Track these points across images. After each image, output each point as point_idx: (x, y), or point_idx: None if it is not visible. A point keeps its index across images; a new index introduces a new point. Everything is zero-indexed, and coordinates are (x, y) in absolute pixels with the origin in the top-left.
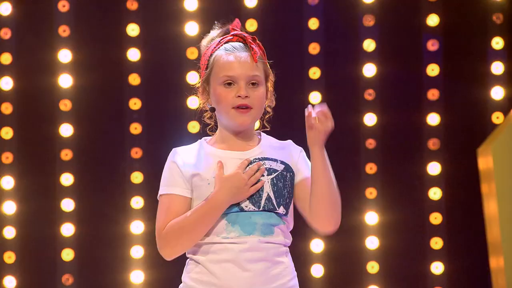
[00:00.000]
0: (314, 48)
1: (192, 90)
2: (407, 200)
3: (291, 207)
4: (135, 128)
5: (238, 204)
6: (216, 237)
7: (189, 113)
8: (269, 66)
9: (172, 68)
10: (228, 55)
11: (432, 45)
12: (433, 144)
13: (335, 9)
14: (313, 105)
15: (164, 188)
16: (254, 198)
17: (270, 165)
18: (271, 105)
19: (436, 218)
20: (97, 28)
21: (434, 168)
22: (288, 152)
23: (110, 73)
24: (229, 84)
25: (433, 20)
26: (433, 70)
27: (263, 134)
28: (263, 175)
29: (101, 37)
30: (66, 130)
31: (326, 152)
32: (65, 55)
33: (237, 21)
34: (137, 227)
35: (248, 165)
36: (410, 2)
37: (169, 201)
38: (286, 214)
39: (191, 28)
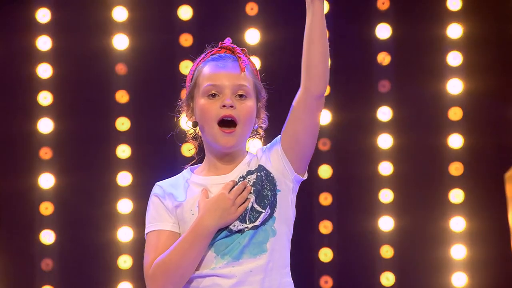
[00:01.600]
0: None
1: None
2: (426, 233)
3: (282, 200)
4: (123, 124)
5: (226, 227)
6: (204, 269)
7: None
8: (261, 84)
9: (163, 56)
10: (213, 64)
11: (454, 59)
12: (455, 169)
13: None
14: None
15: (149, 225)
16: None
17: (249, 177)
18: (263, 126)
19: (458, 252)
20: (80, 12)
21: (456, 196)
22: (259, 156)
23: (95, 63)
24: (214, 95)
25: (455, 32)
26: (455, 86)
27: (250, 152)
28: (250, 192)
29: (85, 22)
30: (45, 126)
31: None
32: (44, 42)
33: (228, 39)
34: (125, 233)
35: (233, 186)
36: (429, 11)
37: (156, 238)
38: (273, 216)
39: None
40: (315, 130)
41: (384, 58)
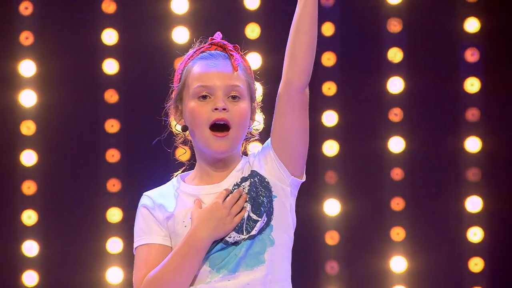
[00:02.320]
0: (328, 59)
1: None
2: (440, 242)
3: (280, 206)
4: (113, 156)
5: (221, 239)
6: (198, 284)
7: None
8: (255, 84)
9: (156, 81)
10: (203, 63)
11: (472, 55)
12: (473, 174)
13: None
14: None
15: (138, 239)
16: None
17: (244, 184)
18: (258, 128)
19: (476, 265)
20: (66, 36)
21: (473, 204)
22: (251, 162)
23: (82, 89)
24: (204, 97)
25: (472, 25)
26: (472, 85)
27: (244, 156)
28: (246, 201)
29: (71, 46)
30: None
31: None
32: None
33: (218, 34)
34: (114, 274)
35: (227, 195)
36: (445, 4)
37: (147, 252)
38: (269, 224)
39: (180, 35)
40: (304, 125)
41: (395, 55)
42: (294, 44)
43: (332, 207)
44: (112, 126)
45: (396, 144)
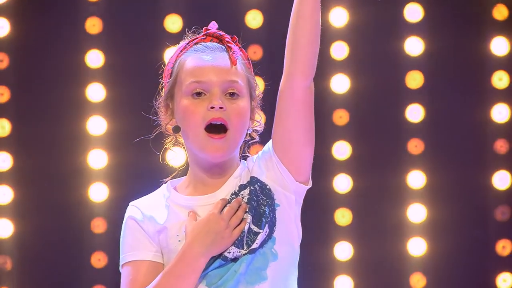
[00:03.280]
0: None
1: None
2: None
3: (283, 216)
4: (96, 125)
5: (219, 254)
6: None
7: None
8: (255, 80)
9: (144, 75)
10: (197, 57)
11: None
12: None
13: None
14: None
15: (126, 255)
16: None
17: (243, 193)
18: (258, 129)
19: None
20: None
21: (502, 213)
22: (251, 167)
23: (62, 83)
24: (199, 94)
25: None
26: (501, 79)
27: (243, 161)
28: (246, 211)
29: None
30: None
31: None
32: None
33: (213, 24)
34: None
35: (225, 206)
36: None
37: (135, 270)
38: (272, 236)
39: (172, 23)
40: (309, 125)
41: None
42: (295, 31)
43: (343, 217)
44: (96, 125)
45: (416, 146)
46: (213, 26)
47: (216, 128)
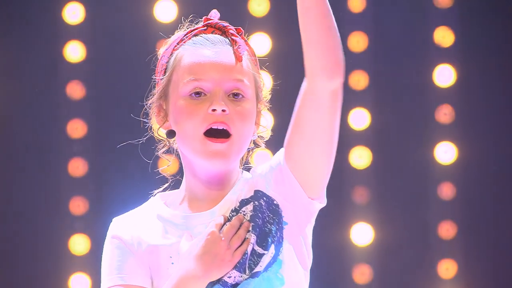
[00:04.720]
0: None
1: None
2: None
3: (292, 236)
4: (77, 167)
5: (219, 279)
6: None
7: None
8: (261, 78)
9: (133, 71)
10: (196, 51)
11: None
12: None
13: None
14: None
15: (109, 278)
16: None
17: (245, 209)
18: (263, 136)
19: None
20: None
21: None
22: (255, 180)
23: (41, 79)
24: (198, 94)
25: None
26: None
27: (245, 172)
28: (249, 230)
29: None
30: None
31: None
32: None
33: (215, 12)
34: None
35: (225, 223)
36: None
37: None
38: (277, 258)
39: (165, 11)
40: (331, 135)
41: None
42: (304, 27)
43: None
44: (76, 129)
45: (446, 152)
46: (214, 15)
47: (217, 134)
